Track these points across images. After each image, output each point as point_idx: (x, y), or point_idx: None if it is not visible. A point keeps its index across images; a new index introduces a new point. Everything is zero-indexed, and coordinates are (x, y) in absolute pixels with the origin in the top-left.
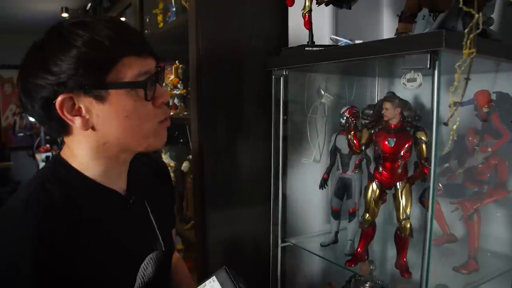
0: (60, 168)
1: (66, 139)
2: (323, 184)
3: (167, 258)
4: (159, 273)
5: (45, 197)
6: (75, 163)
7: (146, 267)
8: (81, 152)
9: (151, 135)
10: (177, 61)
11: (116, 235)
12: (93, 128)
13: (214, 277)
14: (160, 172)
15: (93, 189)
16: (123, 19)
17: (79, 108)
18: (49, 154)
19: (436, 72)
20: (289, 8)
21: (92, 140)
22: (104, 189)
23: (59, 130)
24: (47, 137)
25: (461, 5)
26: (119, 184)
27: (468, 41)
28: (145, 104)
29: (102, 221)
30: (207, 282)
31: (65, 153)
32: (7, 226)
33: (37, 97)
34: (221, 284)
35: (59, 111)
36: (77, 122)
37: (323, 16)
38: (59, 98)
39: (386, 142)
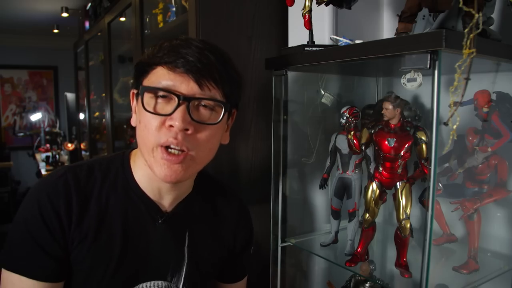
0: (120, 160)
1: None
2: (323, 184)
3: None
4: None
5: (85, 174)
6: (134, 163)
7: None
8: (138, 152)
9: (150, 154)
10: None
11: (128, 240)
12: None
13: None
14: (233, 219)
15: (133, 191)
16: (123, 19)
17: (135, 104)
18: (49, 154)
19: (436, 72)
20: (289, 8)
21: (137, 141)
22: (143, 197)
23: None
24: (47, 137)
25: (461, 5)
26: (163, 202)
27: (468, 41)
28: (151, 117)
29: (122, 221)
30: None
31: (135, 151)
32: (42, 182)
33: None
34: None
35: (131, 102)
36: (132, 116)
37: (323, 16)
38: (131, 92)
39: (386, 142)
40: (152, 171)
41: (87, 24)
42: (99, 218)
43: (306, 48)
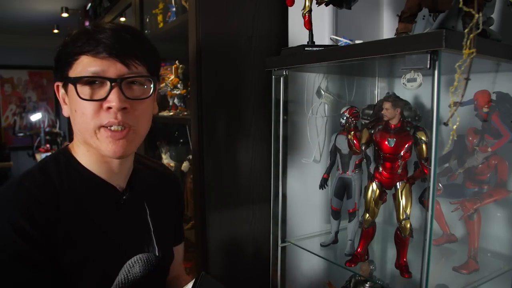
0: (62, 156)
1: None
2: (323, 184)
3: (161, 264)
4: (148, 276)
5: (41, 176)
6: (77, 154)
7: (133, 265)
8: (76, 142)
9: (94, 137)
10: (177, 61)
11: (104, 225)
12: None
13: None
14: (168, 183)
15: (89, 178)
16: (123, 19)
17: (64, 96)
18: (49, 154)
19: (436, 72)
20: (289, 8)
21: (74, 130)
22: (99, 181)
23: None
24: (47, 137)
25: (461, 5)
26: (117, 181)
27: (468, 41)
28: (87, 104)
29: (92, 209)
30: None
31: (71, 144)
32: (3, 194)
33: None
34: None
35: (57, 95)
36: (63, 108)
37: (323, 16)
38: (55, 85)
39: (386, 142)
40: (100, 151)
41: (87, 24)
42: (71, 212)
43: (306, 48)
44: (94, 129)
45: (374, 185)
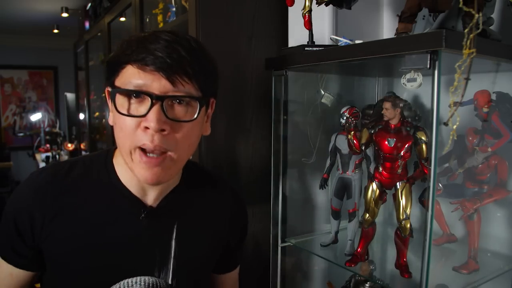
0: (103, 157)
1: None
2: (323, 184)
3: None
4: None
5: (65, 171)
6: (116, 160)
7: (131, 285)
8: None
9: (129, 157)
10: None
11: (105, 235)
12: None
13: None
14: (229, 209)
15: (112, 187)
16: (123, 19)
17: (111, 103)
18: (49, 154)
19: (436, 72)
20: (289, 8)
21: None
22: (127, 193)
23: None
24: (47, 137)
25: (461, 5)
26: (146, 198)
27: (468, 41)
28: (125, 119)
29: (99, 217)
30: None
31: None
32: (29, 179)
33: None
34: None
35: (107, 101)
36: (110, 115)
37: (323, 16)
38: (105, 90)
39: (386, 142)
40: (133, 173)
41: (87, 24)
42: (76, 213)
43: (306, 48)
44: (130, 149)
45: (374, 185)
